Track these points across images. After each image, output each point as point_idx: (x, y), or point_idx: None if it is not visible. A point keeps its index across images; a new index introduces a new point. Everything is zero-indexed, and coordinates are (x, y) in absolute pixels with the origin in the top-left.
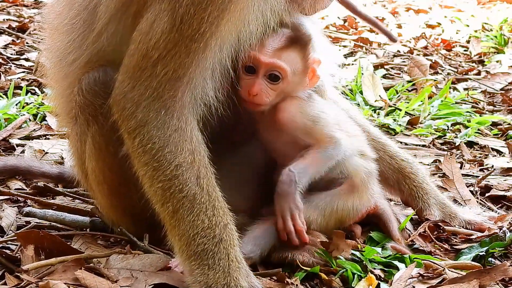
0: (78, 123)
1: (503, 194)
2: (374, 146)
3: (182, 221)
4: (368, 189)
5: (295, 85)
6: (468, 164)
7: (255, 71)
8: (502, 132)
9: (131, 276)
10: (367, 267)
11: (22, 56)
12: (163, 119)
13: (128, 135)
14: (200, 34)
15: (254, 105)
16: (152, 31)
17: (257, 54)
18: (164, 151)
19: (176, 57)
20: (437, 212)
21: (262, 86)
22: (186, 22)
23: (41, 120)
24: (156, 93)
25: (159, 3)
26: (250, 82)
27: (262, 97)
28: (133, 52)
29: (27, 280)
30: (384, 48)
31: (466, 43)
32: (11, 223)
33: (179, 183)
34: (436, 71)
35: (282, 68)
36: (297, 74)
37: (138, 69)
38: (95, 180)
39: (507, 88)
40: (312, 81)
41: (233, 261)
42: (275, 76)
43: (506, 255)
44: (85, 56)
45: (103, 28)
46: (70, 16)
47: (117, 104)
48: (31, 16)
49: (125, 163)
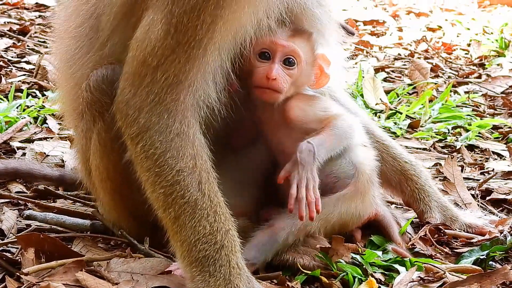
0: (85, 119)
1: (504, 198)
2: (377, 147)
3: (183, 227)
4: (371, 191)
5: (306, 77)
6: (469, 168)
7: (270, 57)
8: (503, 136)
9: (132, 279)
10: (368, 270)
11: (23, 59)
12: (165, 123)
13: (131, 141)
14: (196, 40)
15: (270, 94)
16: (147, 38)
17: (272, 38)
18: (166, 156)
19: (175, 63)
20: (438, 215)
21: (279, 71)
22: (181, 30)
23: (41, 123)
24: (158, 98)
25: (153, 13)
26: (266, 68)
27: (280, 82)
28: (132, 59)
29: (28, 283)
30: (385, 51)
31: (467, 46)
32: (12, 226)
33: (181, 188)
34: (437, 74)
35: (297, 52)
36: (308, 64)
37: (138, 76)
38: (98, 177)
39: (507, 91)
40: (321, 81)
41: (234, 268)
42: (290, 61)
43: (506, 258)
44: (92, 59)
45: (106, 38)
46: (77, 24)
47: (119, 111)
48: (32, 19)
49: (130, 162)
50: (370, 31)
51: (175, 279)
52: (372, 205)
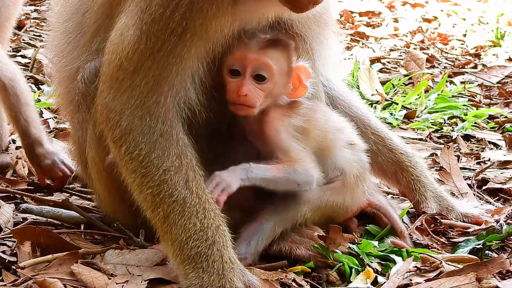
0: (80, 110)
1: (500, 187)
2: (373, 139)
3: (174, 225)
4: (360, 186)
5: (281, 87)
6: (465, 158)
7: (241, 73)
8: (499, 125)
9: (127, 272)
10: (364, 260)
11: (19, 53)
12: (148, 124)
13: (114, 143)
14: (170, 48)
15: (244, 109)
16: (121, 42)
17: (242, 53)
18: (151, 156)
19: (153, 69)
20: (434, 205)
21: (250, 86)
22: (152, 38)
23: None
24: (139, 101)
25: (126, 17)
26: (237, 84)
27: (252, 98)
28: (108, 62)
29: (24, 276)
30: (380, 42)
31: (463, 37)
32: (8, 220)
33: (168, 187)
34: (432, 64)
35: (268, 65)
36: (283, 74)
37: (116, 79)
38: (94, 167)
39: (503, 81)
40: (299, 91)
41: (227, 263)
42: (261, 76)
43: (503, 247)
44: (82, 53)
45: (92, 35)
46: (65, 18)
47: (100, 114)
48: (27, 13)
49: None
50: (366, 22)
51: (170, 271)
52: (361, 199)
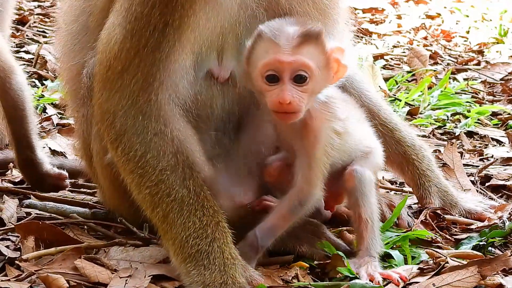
0: (86, 104)
1: (503, 184)
2: (382, 131)
3: (173, 224)
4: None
5: (323, 81)
6: (468, 154)
7: (278, 78)
8: (502, 122)
9: (130, 267)
10: None
11: (22, 49)
12: (141, 124)
13: (110, 144)
14: (155, 45)
15: (289, 116)
16: (109, 42)
17: (275, 57)
18: (147, 156)
19: (141, 67)
20: (438, 201)
21: (292, 91)
22: (136, 35)
23: (41, 112)
24: (130, 101)
25: (113, 16)
26: (277, 91)
27: (297, 104)
28: (99, 62)
29: (28, 271)
30: (383, 39)
31: (466, 34)
32: (12, 215)
33: (166, 187)
34: (435, 61)
35: (307, 65)
36: (322, 69)
37: (107, 80)
38: (99, 162)
39: (507, 78)
40: (339, 73)
41: (228, 259)
42: (301, 77)
43: (506, 244)
44: (88, 53)
45: (95, 38)
46: (71, 19)
47: (96, 115)
48: (31, 9)
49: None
50: (369, 19)
51: (174, 269)
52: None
